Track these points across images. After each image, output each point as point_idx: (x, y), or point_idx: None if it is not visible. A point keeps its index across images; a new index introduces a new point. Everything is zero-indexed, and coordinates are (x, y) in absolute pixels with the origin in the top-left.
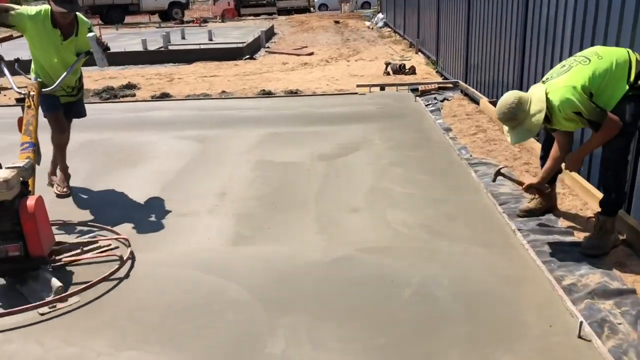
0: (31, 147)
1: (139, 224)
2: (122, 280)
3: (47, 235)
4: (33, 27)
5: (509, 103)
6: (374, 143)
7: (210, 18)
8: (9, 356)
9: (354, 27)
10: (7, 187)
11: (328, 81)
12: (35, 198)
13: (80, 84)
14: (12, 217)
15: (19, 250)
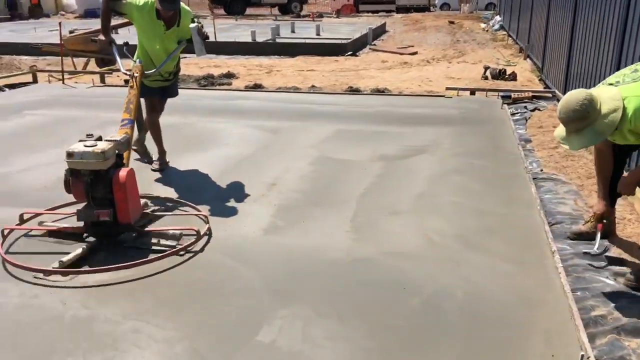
0: (130, 124)
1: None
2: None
3: (135, 205)
4: (139, 17)
5: (579, 100)
6: (442, 148)
7: (326, 13)
8: (34, 307)
9: (468, 29)
10: (103, 157)
11: (421, 82)
12: (127, 170)
13: (177, 69)
14: (105, 185)
15: (109, 216)
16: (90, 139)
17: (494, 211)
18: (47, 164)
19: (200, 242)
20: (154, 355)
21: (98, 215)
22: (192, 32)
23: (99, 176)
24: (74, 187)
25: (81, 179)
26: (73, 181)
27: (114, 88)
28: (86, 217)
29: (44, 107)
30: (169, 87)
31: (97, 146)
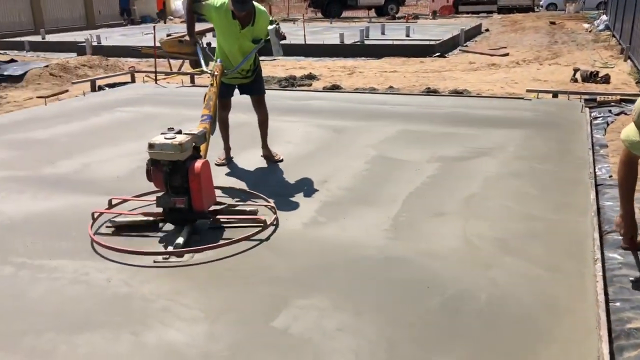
0: (209, 119)
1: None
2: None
3: (209, 194)
4: (217, 17)
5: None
6: (507, 150)
7: (422, 14)
8: (82, 282)
9: (570, 29)
10: (181, 149)
11: (505, 84)
12: (202, 161)
13: (256, 66)
14: (182, 175)
15: (184, 203)
16: (170, 132)
17: (543, 216)
18: (123, 155)
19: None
20: (175, 332)
21: (174, 202)
22: (270, 33)
23: (177, 166)
24: (154, 176)
25: (160, 169)
26: (153, 170)
27: (201, 88)
28: (164, 203)
29: (133, 104)
30: (251, 84)
31: (175, 139)
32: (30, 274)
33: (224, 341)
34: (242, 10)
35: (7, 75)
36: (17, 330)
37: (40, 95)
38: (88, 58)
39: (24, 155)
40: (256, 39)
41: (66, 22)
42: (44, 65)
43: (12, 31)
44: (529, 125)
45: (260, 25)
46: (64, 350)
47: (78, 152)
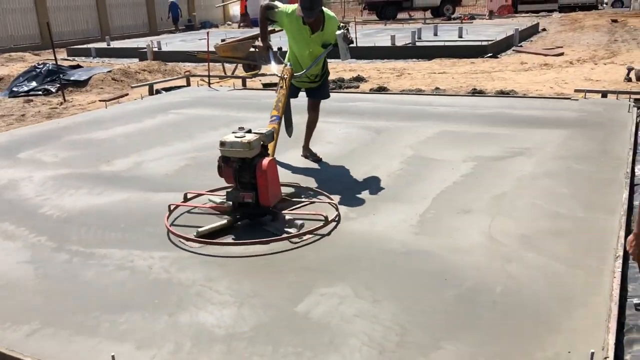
0: (277, 120)
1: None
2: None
3: (275, 191)
4: (288, 23)
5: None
6: (545, 150)
7: (479, 14)
8: (127, 268)
9: (632, 27)
10: (249, 147)
11: (555, 84)
12: (269, 159)
13: (323, 71)
14: (250, 171)
15: (252, 198)
16: (240, 131)
17: (572, 215)
18: (172, 155)
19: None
20: (206, 314)
21: (243, 197)
22: (338, 38)
23: (245, 163)
24: (225, 171)
25: (231, 165)
26: (224, 167)
27: (251, 91)
28: (233, 198)
29: (186, 107)
30: (317, 88)
31: (245, 137)
32: (82, 260)
33: (249, 323)
34: (310, 16)
35: (73, 80)
36: (67, 308)
37: (102, 99)
38: (148, 63)
39: (83, 155)
40: (326, 44)
41: (130, 29)
42: (107, 70)
43: (80, 38)
44: (571, 126)
45: (330, 30)
46: (106, 326)
47: (132, 152)
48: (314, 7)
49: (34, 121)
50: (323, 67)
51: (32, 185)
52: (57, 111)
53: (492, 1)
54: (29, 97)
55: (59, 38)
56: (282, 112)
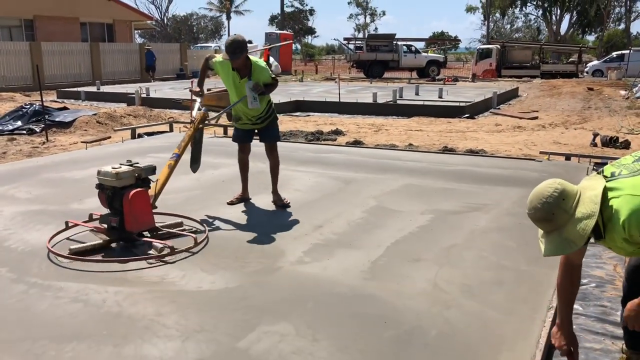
0: (175, 157)
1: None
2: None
3: (140, 219)
4: (221, 70)
5: (545, 196)
6: (500, 207)
7: (463, 77)
8: (81, 300)
9: (607, 96)
10: (117, 177)
11: (524, 146)
12: (136, 190)
13: (268, 114)
14: (119, 199)
15: (117, 223)
16: (124, 164)
17: (515, 267)
18: None
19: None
20: (150, 347)
21: (111, 221)
22: (247, 85)
23: (116, 191)
24: (100, 197)
25: (104, 192)
26: (99, 192)
27: (231, 139)
28: (104, 221)
29: (164, 151)
30: (264, 130)
31: (118, 169)
32: (38, 292)
33: (190, 357)
34: (233, 59)
35: (58, 121)
36: (16, 337)
37: (84, 141)
38: (134, 108)
39: (56, 192)
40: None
41: (122, 75)
42: (92, 113)
43: (72, 81)
44: (531, 185)
45: (257, 78)
46: (51, 355)
47: None
48: (236, 52)
49: (14, 159)
50: (268, 111)
51: (1, 219)
52: (38, 150)
53: (477, 65)
54: (13, 135)
55: (51, 81)
56: (182, 151)
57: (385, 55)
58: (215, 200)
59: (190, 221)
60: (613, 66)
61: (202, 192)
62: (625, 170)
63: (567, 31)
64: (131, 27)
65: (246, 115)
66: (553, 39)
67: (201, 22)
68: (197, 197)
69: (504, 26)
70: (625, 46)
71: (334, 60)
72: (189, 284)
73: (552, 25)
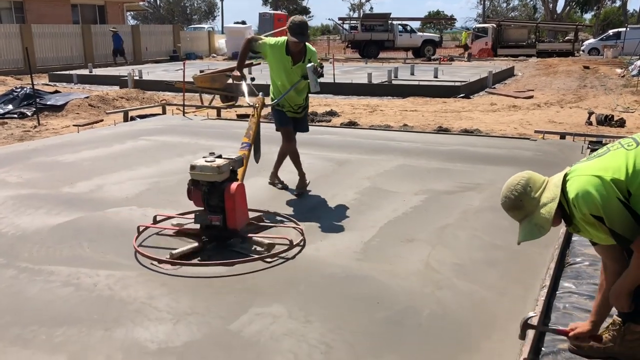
0: (247, 147)
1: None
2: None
3: (242, 214)
4: (271, 54)
5: (512, 186)
6: (495, 186)
7: (457, 57)
8: (72, 284)
9: (603, 74)
10: (219, 171)
11: (519, 125)
12: (237, 183)
13: (306, 104)
14: (219, 195)
15: (219, 221)
16: (211, 156)
17: (507, 246)
18: (135, 179)
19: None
20: (142, 330)
21: (211, 220)
22: (308, 70)
23: (214, 187)
24: (194, 195)
25: (200, 188)
26: (193, 190)
27: (224, 121)
28: (201, 220)
29: (157, 134)
30: (300, 120)
31: (215, 162)
32: (29, 276)
33: (181, 339)
34: (301, 40)
35: (50, 105)
36: (6, 321)
37: (77, 124)
38: (126, 91)
39: (47, 176)
40: (304, 75)
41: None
42: (84, 96)
43: (64, 64)
44: (525, 164)
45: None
46: (42, 339)
47: (96, 175)
48: (304, 32)
49: (5, 143)
50: (306, 100)
51: None
52: (29, 134)
53: (472, 44)
54: (4, 119)
55: (42, 64)
56: (253, 140)
57: (380, 35)
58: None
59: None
60: (609, 44)
61: None
62: (594, 156)
63: (563, 9)
64: (123, 8)
65: (290, 104)
66: (549, 18)
67: (194, 3)
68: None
69: (500, 5)
70: (622, 24)
71: (328, 41)
72: (180, 267)
73: (548, 3)
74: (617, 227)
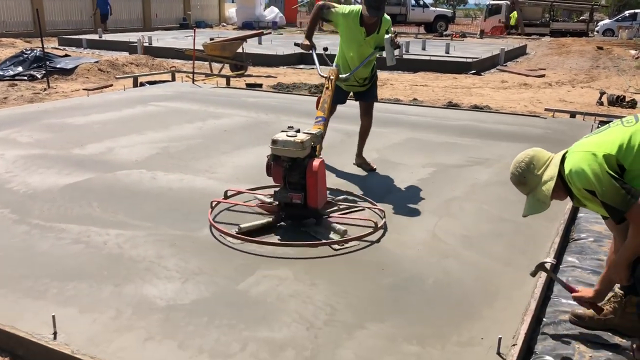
0: (323, 121)
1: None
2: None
3: (323, 193)
4: (344, 23)
5: (518, 162)
6: (502, 161)
7: (471, 33)
8: (83, 242)
9: (616, 55)
10: (302, 147)
11: (529, 103)
12: (320, 160)
13: (372, 74)
14: (300, 172)
15: (300, 199)
16: (291, 130)
17: (514, 219)
18: (144, 143)
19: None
20: (150, 287)
21: (291, 197)
22: (385, 42)
23: (296, 163)
24: (274, 170)
25: (280, 164)
26: (274, 165)
27: (233, 90)
28: (281, 198)
29: (166, 100)
30: (366, 91)
31: (297, 137)
32: (40, 233)
33: (190, 297)
34: (376, 15)
35: (59, 68)
36: (19, 274)
37: (86, 88)
38: (136, 57)
39: (58, 137)
40: (378, 46)
41: (124, 23)
42: (94, 61)
43: (73, 29)
44: (534, 141)
45: (384, 34)
46: (53, 292)
47: (106, 138)
48: (380, 6)
49: (15, 104)
50: (372, 70)
51: (3, 162)
52: (39, 96)
53: (485, 21)
54: (14, 81)
55: (52, 27)
56: (328, 113)
57: (392, 8)
58: (217, 149)
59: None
60: (625, 25)
61: (204, 141)
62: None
63: None
64: None
65: (355, 76)
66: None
67: None
68: (199, 145)
69: None
70: (639, 5)
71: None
72: (198, 233)
73: None
74: (609, 200)
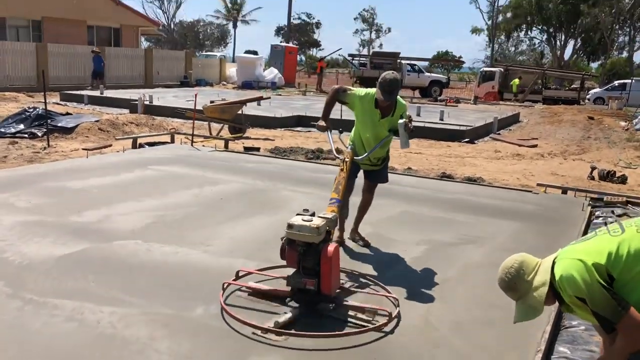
0: (337, 203)
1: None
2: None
3: (336, 278)
4: (360, 105)
5: (507, 268)
6: (495, 241)
7: (465, 99)
8: (76, 320)
9: (607, 126)
10: (317, 232)
11: (522, 175)
12: (335, 246)
13: (386, 156)
14: (315, 257)
15: (314, 285)
16: (306, 214)
17: (506, 306)
18: (142, 211)
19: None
20: None
21: (305, 283)
22: (400, 126)
23: (311, 248)
24: (288, 255)
25: (295, 248)
26: (288, 249)
27: (232, 154)
28: (295, 283)
29: (165, 163)
30: (377, 172)
31: (313, 222)
32: (33, 309)
33: None
34: (389, 99)
35: (60, 127)
36: (10, 356)
37: (85, 148)
38: (136, 116)
39: (55, 203)
40: (392, 129)
41: (126, 80)
42: (94, 119)
43: (75, 84)
44: (526, 219)
45: (398, 117)
46: None
47: (103, 204)
48: (393, 91)
49: (15, 164)
50: (387, 152)
51: (1, 229)
52: (39, 155)
53: (479, 87)
54: (14, 138)
55: (55, 82)
56: (343, 195)
57: None
58: (212, 219)
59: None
60: (614, 95)
61: (200, 210)
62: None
63: (571, 57)
64: (138, 32)
65: (370, 156)
66: (557, 64)
67: (208, 29)
68: (195, 214)
69: (509, 48)
70: (628, 75)
71: (337, 74)
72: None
73: (556, 50)
74: (600, 310)
